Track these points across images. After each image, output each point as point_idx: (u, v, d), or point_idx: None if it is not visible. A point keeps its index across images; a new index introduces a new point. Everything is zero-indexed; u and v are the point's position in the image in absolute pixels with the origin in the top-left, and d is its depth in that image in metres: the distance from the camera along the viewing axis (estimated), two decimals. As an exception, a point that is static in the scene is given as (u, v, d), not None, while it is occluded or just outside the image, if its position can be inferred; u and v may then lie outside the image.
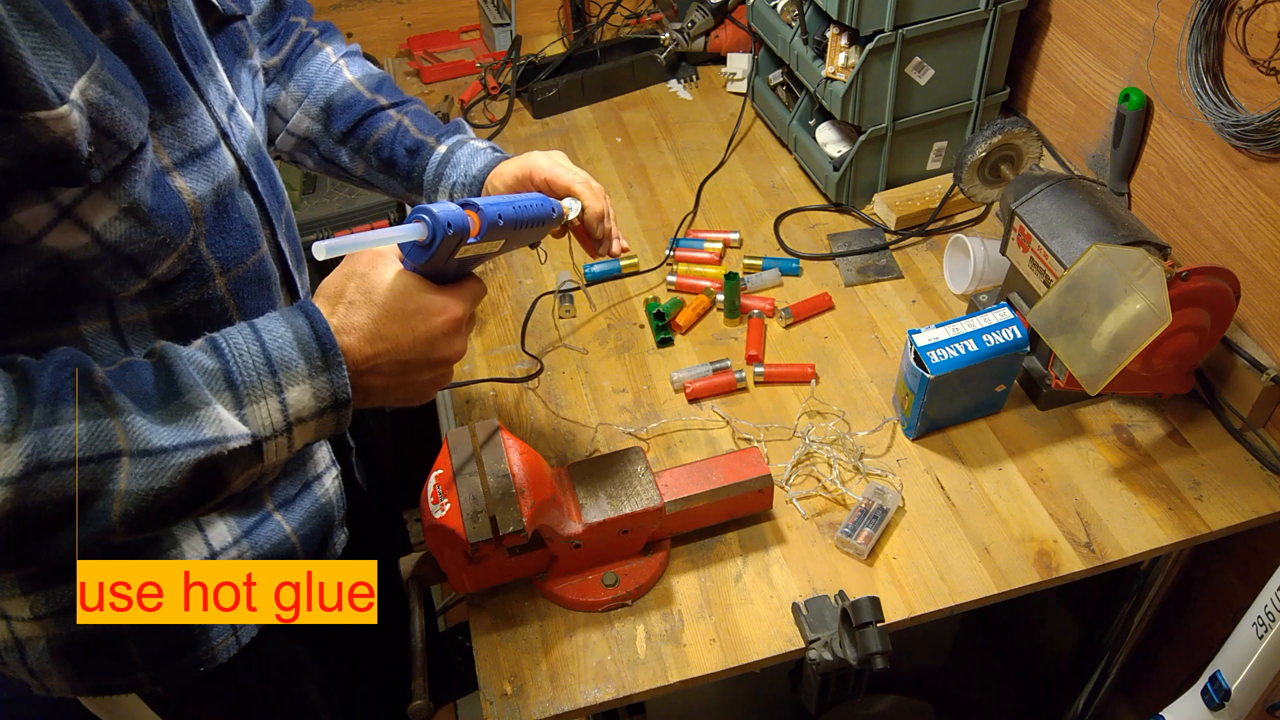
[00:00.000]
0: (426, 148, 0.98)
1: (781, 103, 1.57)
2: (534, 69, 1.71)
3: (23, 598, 0.80)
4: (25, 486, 0.57)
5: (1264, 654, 0.97)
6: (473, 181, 0.97)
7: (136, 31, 0.67)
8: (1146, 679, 1.49)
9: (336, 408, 0.68)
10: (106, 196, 0.66)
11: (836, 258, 1.38)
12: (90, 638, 0.82)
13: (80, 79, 0.62)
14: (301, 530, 0.93)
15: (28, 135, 0.59)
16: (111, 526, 0.61)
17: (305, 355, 0.67)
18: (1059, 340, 1.02)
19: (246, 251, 0.80)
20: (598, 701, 0.92)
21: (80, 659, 0.83)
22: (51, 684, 0.85)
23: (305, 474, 0.95)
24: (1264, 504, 1.06)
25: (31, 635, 0.81)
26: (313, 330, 0.67)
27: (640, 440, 1.15)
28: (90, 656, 0.83)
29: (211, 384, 0.64)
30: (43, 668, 0.83)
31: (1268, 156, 1.06)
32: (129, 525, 0.62)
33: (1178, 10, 1.14)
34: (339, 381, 0.67)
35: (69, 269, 0.67)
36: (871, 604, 0.90)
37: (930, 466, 1.11)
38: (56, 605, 0.80)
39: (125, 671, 0.85)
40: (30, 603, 0.80)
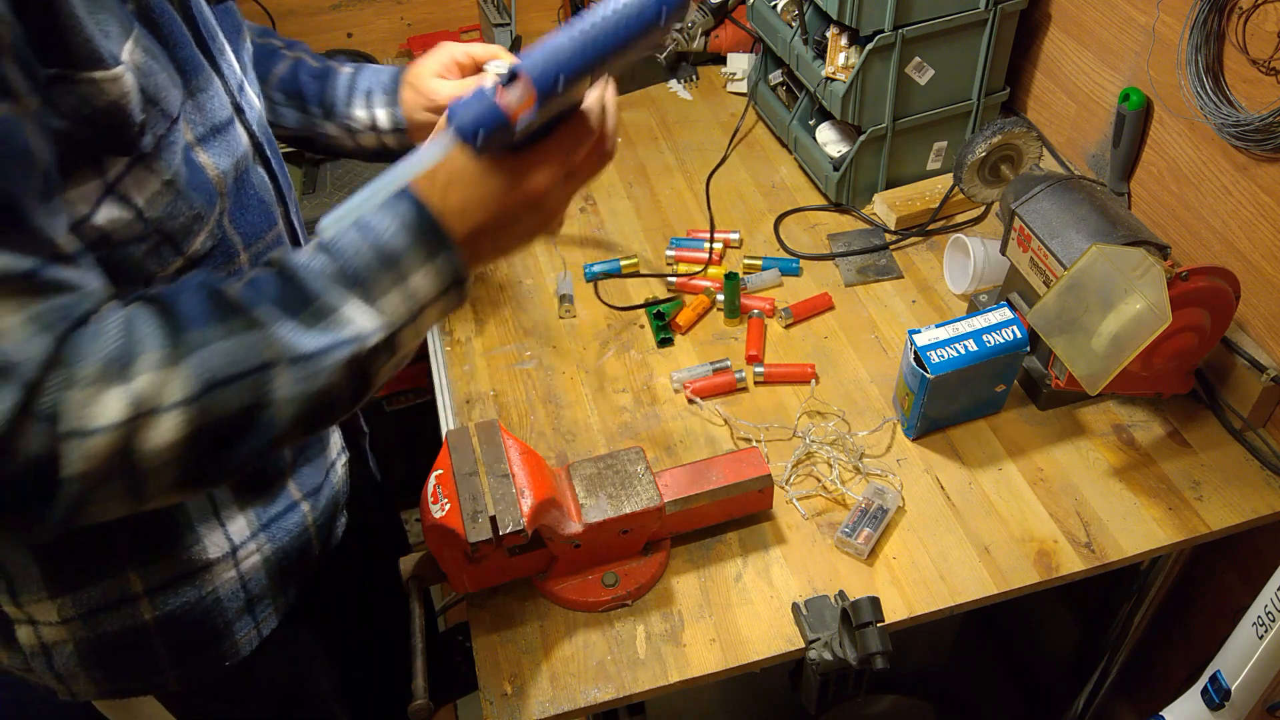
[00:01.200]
0: (333, 71, 0.99)
1: (781, 103, 1.57)
2: (534, 69, 1.71)
3: (50, 601, 0.79)
4: (199, 407, 0.59)
5: (1264, 654, 0.97)
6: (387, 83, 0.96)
7: (156, 6, 0.68)
8: (1146, 679, 1.49)
9: (458, 284, 0.68)
10: (149, 170, 0.66)
11: (836, 258, 1.38)
12: (118, 638, 0.82)
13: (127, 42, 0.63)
14: (319, 520, 0.95)
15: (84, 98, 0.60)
16: (283, 432, 0.63)
17: (417, 241, 0.65)
18: (1059, 340, 1.02)
19: (265, 227, 0.81)
20: (598, 701, 0.92)
21: (108, 660, 0.83)
22: (78, 688, 0.84)
23: (324, 461, 0.96)
24: (1264, 504, 1.06)
25: (59, 639, 0.81)
26: (419, 216, 0.65)
27: (640, 440, 1.15)
28: (118, 657, 0.83)
29: (338, 285, 0.64)
30: (70, 671, 0.83)
31: (1268, 156, 1.06)
32: (299, 427, 0.64)
33: (1178, 10, 1.14)
34: (455, 260, 0.67)
35: (113, 249, 0.67)
36: (871, 604, 0.90)
37: (930, 466, 1.11)
38: (84, 607, 0.80)
39: (152, 671, 0.85)
40: (59, 606, 0.79)
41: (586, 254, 1.42)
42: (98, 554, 0.79)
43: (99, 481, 0.57)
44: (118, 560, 0.80)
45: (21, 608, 0.80)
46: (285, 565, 0.92)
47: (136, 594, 0.81)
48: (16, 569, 0.78)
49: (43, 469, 0.55)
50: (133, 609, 0.81)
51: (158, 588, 0.82)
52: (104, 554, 0.79)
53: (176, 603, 0.83)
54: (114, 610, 0.81)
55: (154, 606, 0.82)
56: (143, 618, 0.82)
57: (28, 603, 0.79)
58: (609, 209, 1.49)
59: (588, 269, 1.37)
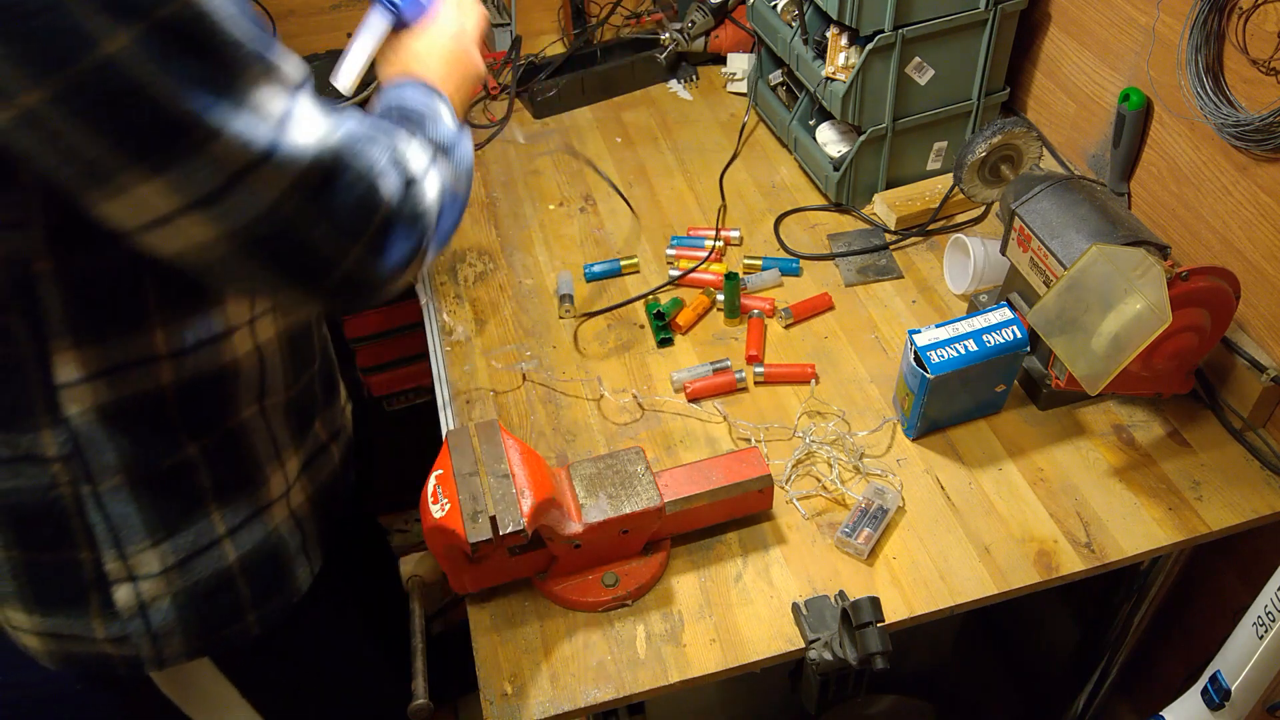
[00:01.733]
0: None
1: (781, 103, 1.57)
2: (534, 69, 1.71)
3: (153, 550, 0.83)
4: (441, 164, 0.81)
5: (1264, 654, 0.97)
6: None
7: None
8: (1146, 679, 1.49)
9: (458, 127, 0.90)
10: None
11: (836, 258, 1.38)
12: (209, 582, 0.86)
13: None
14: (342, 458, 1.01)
15: None
16: (462, 195, 0.86)
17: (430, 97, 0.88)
18: (1059, 340, 1.02)
19: None
20: (598, 701, 0.92)
21: (202, 607, 0.87)
22: (170, 649, 0.87)
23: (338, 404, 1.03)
24: (1264, 504, 1.06)
25: (157, 594, 0.84)
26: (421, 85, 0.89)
27: (640, 440, 1.15)
28: (209, 603, 0.87)
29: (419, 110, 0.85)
30: (167, 628, 0.86)
31: (1268, 156, 1.06)
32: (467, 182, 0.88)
33: (1178, 10, 1.14)
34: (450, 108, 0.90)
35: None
36: (871, 604, 0.90)
37: (930, 466, 1.11)
38: (181, 553, 0.84)
39: (236, 615, 0.90)
40: (160, 554, 0.83)
41: (586, 254, 1.42)
42: (190, 494, 0.84)
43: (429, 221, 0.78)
44: (204, 500, 0.85)
45: (126, 560, 0.82)
46: (323, 504, 0.98)
47: (221, 535, 0.86)
48: (121, 519, 0.81)
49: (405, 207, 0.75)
50: (219, 551, 0.86)
51: (236, 527, 0.87)
52: (193, 494, 0.84)
53: (251, 541, 0.88)
54: (204, 553, 0.85)
55: (236, 546, 0.87)
56: (228, 559, 0.87)
57: (132, 554, 0.82)
58: (609, 209, 1.49)
59: (588, 269, 1.37)
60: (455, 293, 1.36)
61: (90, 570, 0.81)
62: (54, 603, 0.83)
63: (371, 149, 0.72)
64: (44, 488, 0.78)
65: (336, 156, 0.69)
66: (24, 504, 0.78)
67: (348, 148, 0.70)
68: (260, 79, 0.64)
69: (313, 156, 0.67)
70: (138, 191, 0.62)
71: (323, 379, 0.98)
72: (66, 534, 0.80)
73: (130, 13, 0.56)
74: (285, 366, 0.90)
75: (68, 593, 0.83)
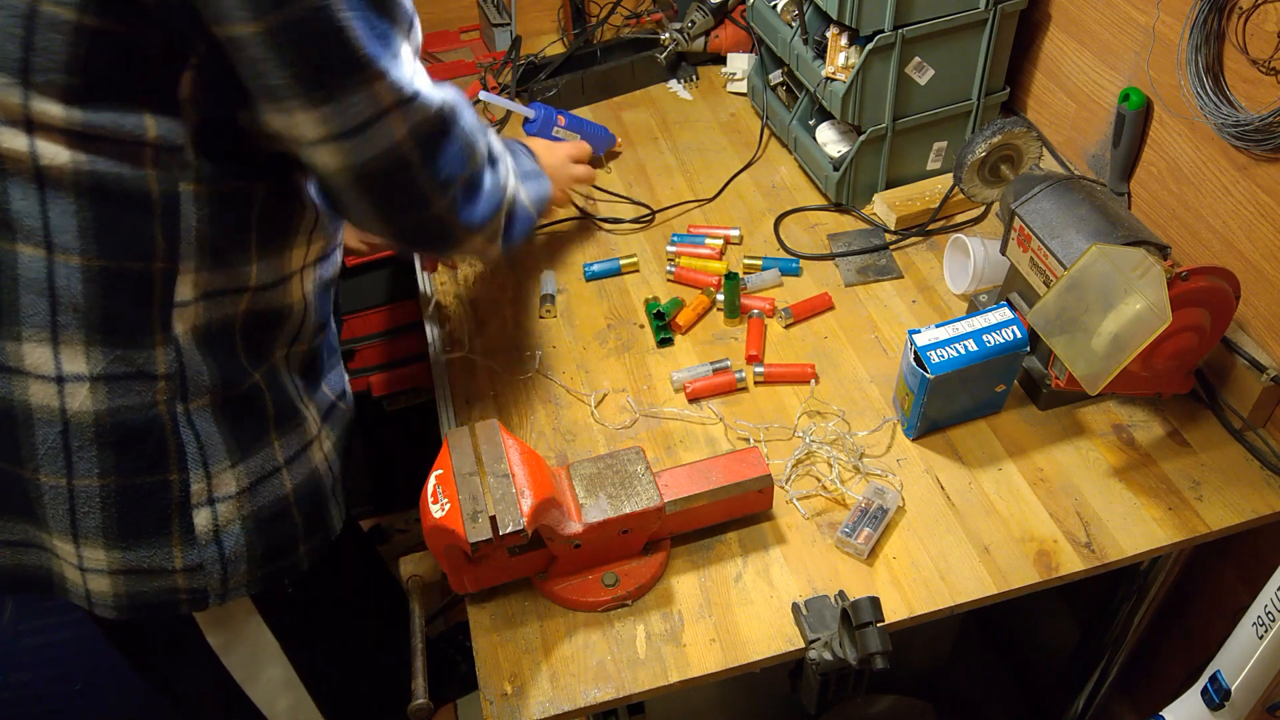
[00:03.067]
0: None
1: (781, 103, 1.57)
2: (534, 69, 1.71)
3: (231, 470, 0.87)
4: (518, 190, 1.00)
5: (1264, 654, 0.97)
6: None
7: None
8: (1146, 679, 1.49)
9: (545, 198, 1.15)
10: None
11: (836, 258, 1.38)
12: (271, 509, 0.91)
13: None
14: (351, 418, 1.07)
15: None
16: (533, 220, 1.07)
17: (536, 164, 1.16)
18: (1059, 340, 1.02)
19: None
20: (598, 701, 0.92)
21: (267, 533, 0.91)
22: (237, 578, 0.90)
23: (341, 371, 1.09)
24: (1264, 504, 1.06)
25: (230, 518, 0.88)
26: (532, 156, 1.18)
27: (640, 440, 1.15)
28: (272, 528, 0.91)
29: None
30: (236, 554, 0.89)
31: (1268, 156, 1.06)
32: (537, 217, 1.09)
33: (1178, 10, 1.14)
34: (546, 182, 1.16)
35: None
36: (871, 604, 0.90)
37: (930, 466, 1.11)
38: (253, 476, 0.89)
39: (291, 546, 0.94)
40: (236, 476, 0.88)
41: (586, 254, 1.42)
42: (259, 419, 0.90)
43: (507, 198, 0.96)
44: (267, 427, 0.91)
45: (210, 480, 0.86)
46: (347, 452, 1.03)
47: (279, 464, 0.91)
48: (208, 437, 0.86)
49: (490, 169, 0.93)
50: (279, 479, 0.91)
51: (291, 458, 0.93)
52: (261, 420, 0.90)
53: (303, 472, 0.94)
54: (269, 479, 0.90)
55: (291, 476, 0.93)
56: (285, 487, 0.92)
57: (216, 474, 0.87)
58: (609, 209, 1.49)
59: (588, 268, 1.37)
60: (455, 293, 1.36)
61: (177, 492, 0.85)
62: (138, 533, 0.86)
63: (473, 117, 0.86)
64: (147, 405, 0.82)
65: (452, 111, 0.83)
66: (129, 423, 0.82)
67: (458, 108, 0.84)
68: (406, 35, 0.77)
69: (438, 106, 0.81)
70: (297, 117, 0.74)
71: (329, 342, 1.04)
72: (162, 453, 0.84)
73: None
74: (315, 318, 0.96)
75: (153, 520, 0.86)
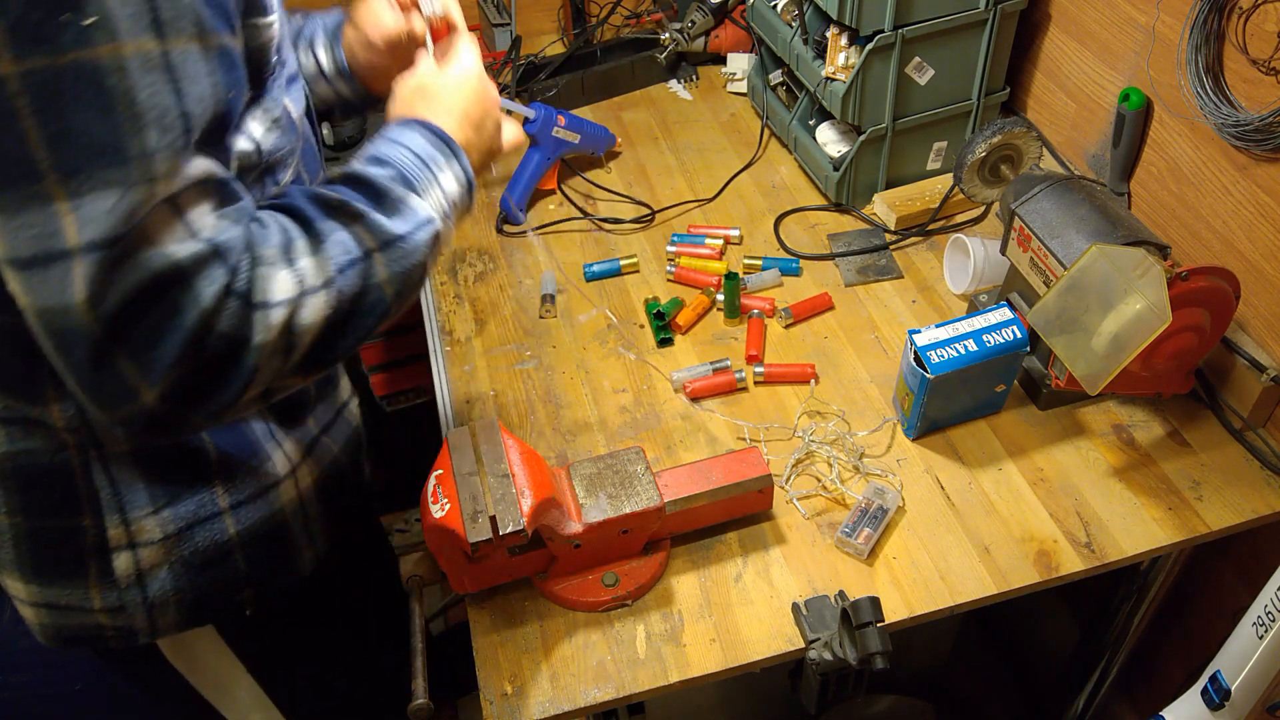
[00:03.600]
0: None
1: (781, 103, 1.57)
2: (534, 69, 1.71)
3: (154, 516, 0.83)
4: (334, 289, 0.70)
5: (1264, 654, 0.97)
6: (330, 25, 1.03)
7: None
8: (1146, 679, 1.49)
9: (469, 186, 0.84)
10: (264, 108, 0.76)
11: (836, 258, 1.38)
12: (208, 554, 0.87)
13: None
14: (345, 452, 1.01)
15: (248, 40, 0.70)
16: (388, 308, 0.75)
17: (438, 148, 0.81)
18: (1059, 340, 1.02)
19: (317, 169, 0.92)
20: (598, 701, 0.92)
21: (198, 579, 0.87)
22: (164, 620, 0.88)
23: (336, 400, 1.03)
24: (1264, 504, 1.06)
25: (155, 562, 0.85)
26: (433, 133, 0.82)
27: (640, 440, 1.15)
28: (206, 575, 0.88)
29: (398, 184, 0.77)
30: (162, 599, 0.86)
31: (1268, 156, 1.06)
32: (398, 302, 0.76)
33: (1178, 10, 1.14)
34: (464, 163, 0.83)
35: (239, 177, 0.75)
36: (871, 604, 0.90)
37: (930, 466, 1.11)
38: (181, 522, 0.85)
39: (233, 590, 0.90)
40: (160, 522, 0.84)
41: (586, 254, 1.42)
42: (194, 464, 0.85)
43: (271, 353, 0.67)
44: (209, 472, 0.86)
45: (128, 527, 0.83)
46: (329, 490, 0.98)
47: (223, 508, 0.87)
48: (126, 483, 0.82)
49: (237, 338, 0.65)
50: (220, 523, 0.87)
51: (240, 502, 0.88)
52: (199, 465, 0.85)
53: (254, 517, 0.89)
54: (205, 524, 0.86)
55: (237, 521, 0.88)
56: (228, 532, 0.88)
57: (134, 520, 0.83)
58: (609, 209, 1.49)
59: (587, 269, 1.37)
60: (455, 293, 1.36)
61: (92, 537, 0.82)
62: (53, 572, 0.84)
63: (219, 276, 0.63)
64: (52, 450, 0.79)
65: (171, 280, 0.61)
66: (33, 466, 0.80)
67: (187, 273, 0.62)
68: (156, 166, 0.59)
69: (147, 270, 0.60)
70: None
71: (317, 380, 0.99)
72: (72, 499, 0.81)
73: (38, 41, 0.53)
74: None
75: (67, 561, 0.83)
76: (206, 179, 0.63)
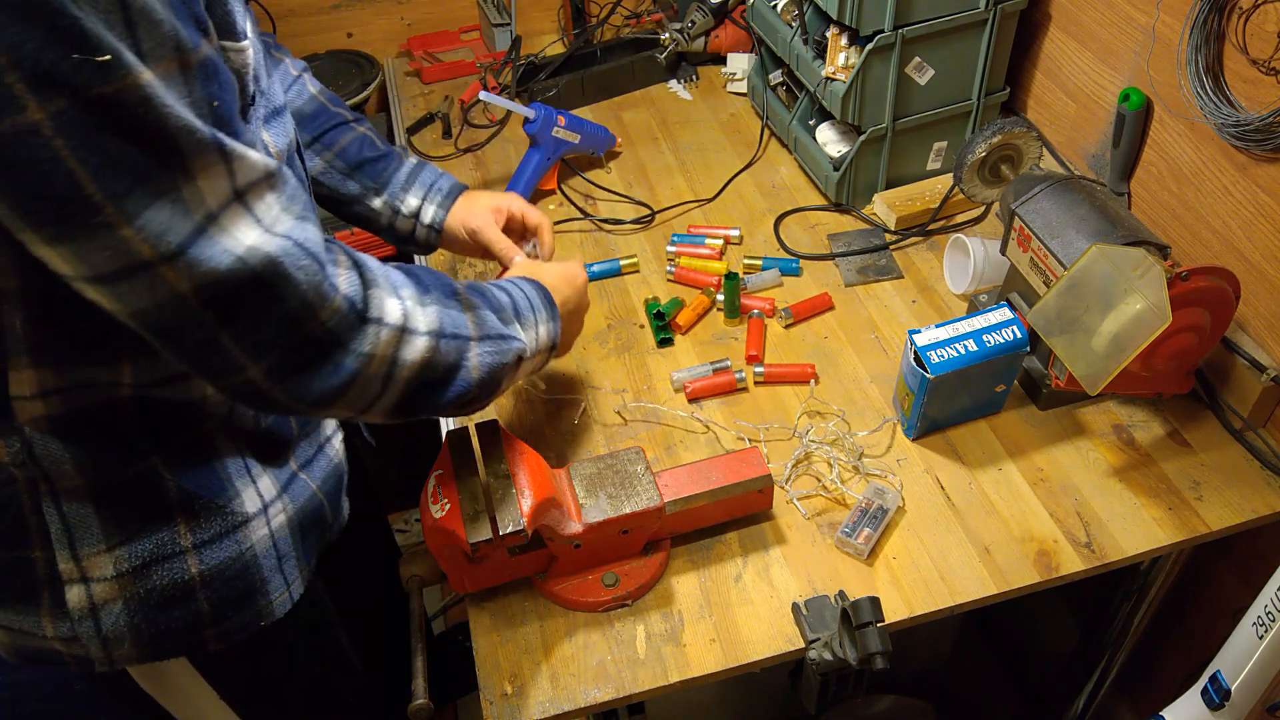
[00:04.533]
0: (395, 156, 1.12)
1: (781, 103, 1.57)
2: (534, 69, 1.71)
3: (107, 554, 0.81)
4: (433, 343, 0.78)
5: (1264, 654, 0.97)
6: (446, 189, 1.13)
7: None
8: (1146, 679, 1.49)
9: (552, 348, 0.96)
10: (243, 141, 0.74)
11: (836, 258, 1.38)
12: (166, 593, 0.84)
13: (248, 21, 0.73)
14: (324, 488, 0.98)
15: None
16: (470, 390, 0.83)
17: (545, 306, 0.95)
18: (1059, 340, 1.02)
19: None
20: (598, 701, 0.92)
21: (155, 618, 0.85)
22: (121, 652, 0.86)
23: (319, 437, 0.99)
24: (1264, 504, 1.06)
25: (109, 598, 0.83)
26: (546, 294, 0.96)
27: (640, 440, 1.15)
28: (164, 614, 0.85)
29: (509, 308, 0.89)
30: (117, 633, 0.84)
31: (1268, 156, 1.06)
32: (477, 394, 0.84)
33: (1178, 10, 1.14)
34: (556, 327, 0.96)
35: None
36: (871, 604, 0.90)
37: (930, 466, 1.11)
38: (138, 559, 0.82)
39: (194, 629, 0.87)
40: (114, 559, 0.81)
41: (586, 254, 1.42)
42: (153, 503, 0.82)
43: (373, 372, 0.74)
44: (170, 510, 0.83)
45: (79, 563, 0.81)
46: (305, 527, 0.95)
47: (185, 548, 0.84)
48: (77, 519, 0.80)
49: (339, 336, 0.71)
50: (181, 563, 0.84)
51: (205, 541, 0.85)
52: (158, 503, 0.82)
53: (220, 557, 0.86)
54: (164, 563, 0.83)
55: (200, 560, 0.85)
56: (190, 571, 0.84)
57: (86, 556, 0.81)
58: (609, 209, 1.49)
59: (588, 269, 1.37)
60: (455, 293, 1.36)
61: (43, 569, 0.81)
62: (5, 597, 0.83)
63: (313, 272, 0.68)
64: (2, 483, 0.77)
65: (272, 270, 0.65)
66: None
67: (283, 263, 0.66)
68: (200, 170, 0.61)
69: (229, 266, 0.63)
70: (40, 251, 0.61)
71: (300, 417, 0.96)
72: (20, 532, 0.79)
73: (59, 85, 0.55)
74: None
75: (19, 589, 0.82)
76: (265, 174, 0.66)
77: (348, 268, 0.73)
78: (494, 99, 1.43)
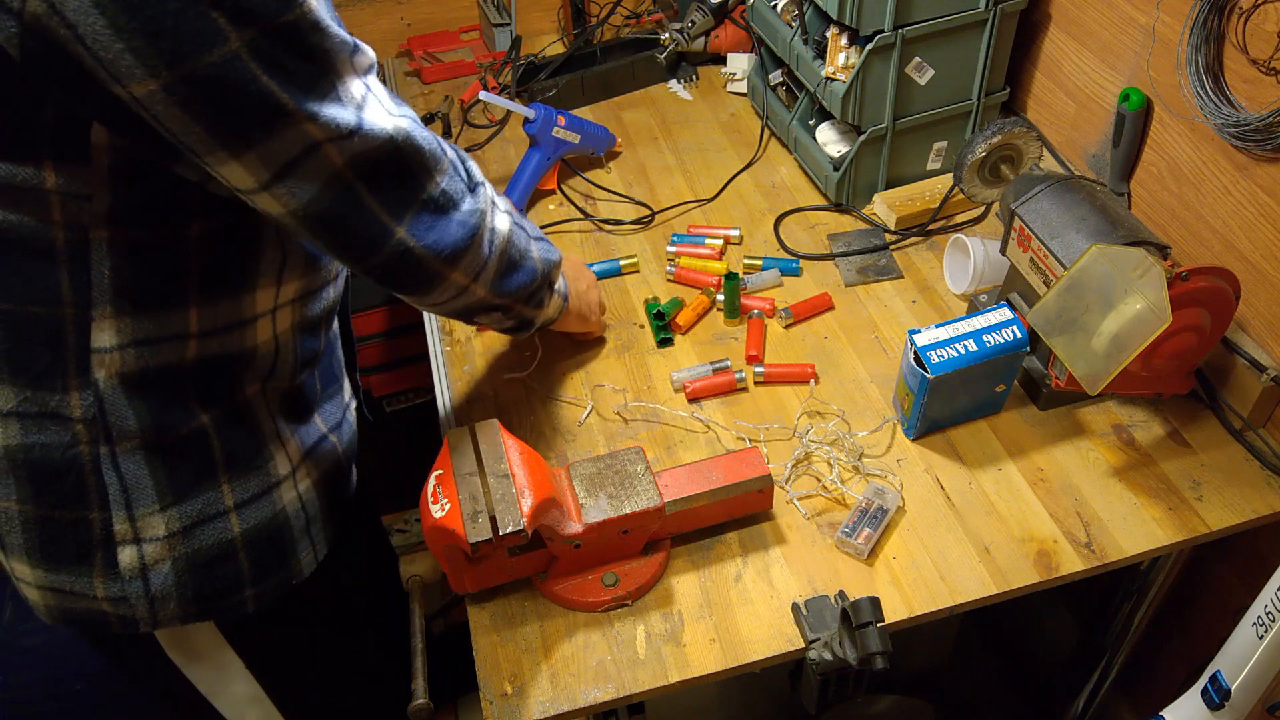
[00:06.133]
0: None
1: (781, 103, 1.57)
2: (534, 69, 1.71)
3: (160, 514, 0.85)
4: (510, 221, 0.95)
5: (1264, 654, 0.97)
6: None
7: None
8: (1146, 679, 1.49)
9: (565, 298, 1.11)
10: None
11: (836, 258, 1.38)
12: (211, 552, 0.88)
13: None
14: (346, 452, 1.04)
15: None
16: (535, 279, 1.00)
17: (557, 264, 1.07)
18: (1059, 340, 1.02)
19: None
20: (598, 701, 0.92)
21: (201, 575, 0.88)
22: (166, 612, 0.89)
23: (342, 400, 1.05)
24: (1264, 504, 1.06)
25: (159, 558, 0.86)
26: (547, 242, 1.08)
27: (640, 440, 1.15)
28: (209, 573, 0.89)
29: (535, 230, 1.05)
30: (164, 592, 0.87)
31: (1268, 156, 1.06)
32: (541, 282, 1.01)
33: (1178, 10, 1.14)
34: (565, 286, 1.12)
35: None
36: (871, 604, 0.90)
37: (930, 466, 1.11)
38: (188, 519, 0.86)
39: (235, 589, 0.91)
40: (166, 519, 0.85)
41: (586, 254, 1.42)
42: (202, 463, 0.86)
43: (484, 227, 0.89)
44: (214, 471, 0.87)
45: (134, 523, 0.84)
46: (330, 490, 0.99)
47: (228, 507, 0.88)
48: (134, 480, 0.83)
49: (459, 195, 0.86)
50: (225, 522, 0.88)
51: (245, 501, 0.89)
52: (206, 463, 0.87)
53: (258, 516, 0.90)
54: (210, 523, 0.87)
55: (241, 520, 0.89)
56: (232, 531, 0.89)
57: (140, 517, 0.84)
58: (609, 210, 1.49)
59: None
60: (455, 293, 1.36)
61: (99, 530, 0.84)
62: (59, 559, 0.85)
63: (430, 141, 0.81)
64: (65, 445, 0.81)
65: (405, 136, 0.78)
66: (45, 459, 0.81)
67: (410, 133, 0.79)
68: (347, 70, 0.73)
69: (386, 135, 0.76)
70: (224, 169, 0.71)
71: (324, 374, 1.01)
72: (81, 492, 0.82)
73: (250, 17, 0.64)
74: (294, 357, 0.93)
75: (74, 550, 0.85)
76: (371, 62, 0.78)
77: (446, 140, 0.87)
78: (494, 99, 1.43)
